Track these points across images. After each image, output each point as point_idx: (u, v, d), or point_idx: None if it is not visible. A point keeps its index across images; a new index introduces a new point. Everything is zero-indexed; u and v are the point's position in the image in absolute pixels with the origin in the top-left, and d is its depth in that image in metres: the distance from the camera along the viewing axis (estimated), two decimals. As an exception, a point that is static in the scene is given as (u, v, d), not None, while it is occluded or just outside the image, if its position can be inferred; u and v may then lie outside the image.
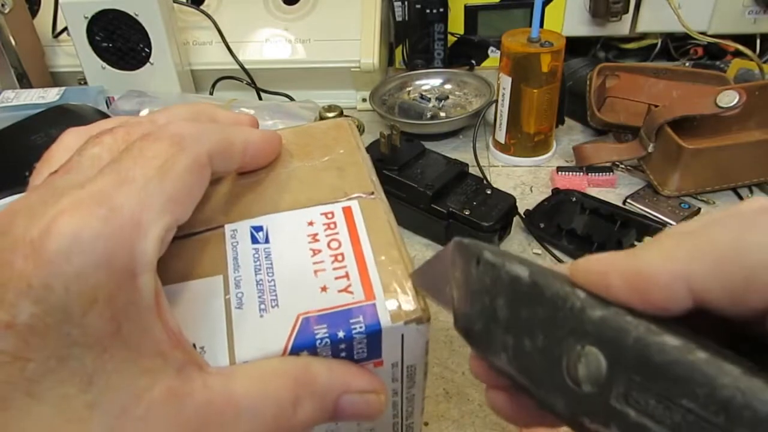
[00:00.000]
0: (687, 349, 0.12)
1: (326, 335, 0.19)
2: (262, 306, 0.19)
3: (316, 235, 0.21)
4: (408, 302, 0.19)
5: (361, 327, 0.19)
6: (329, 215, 0.22)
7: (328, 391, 0.19)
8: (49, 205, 0.16)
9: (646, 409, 0.12)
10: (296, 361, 0.19)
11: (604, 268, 0.15)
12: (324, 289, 0.20)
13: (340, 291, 0.20)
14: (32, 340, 0.15)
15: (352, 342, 0.19)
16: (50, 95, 0.63)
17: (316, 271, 0.20)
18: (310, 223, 0.22)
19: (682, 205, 0.56)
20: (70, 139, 0.21)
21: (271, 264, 0.21)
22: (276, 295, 0.20)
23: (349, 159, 0.25)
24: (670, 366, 0.12)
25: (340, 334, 0.19)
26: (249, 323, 0.19)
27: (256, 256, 0.21)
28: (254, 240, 0.21)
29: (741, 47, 0.67)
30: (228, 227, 0.22)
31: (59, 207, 0.16)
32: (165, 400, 0.16)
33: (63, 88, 0.65)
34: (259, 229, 0.22)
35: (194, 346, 0.18)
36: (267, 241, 0.21)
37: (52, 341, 0.15)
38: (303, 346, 0.19)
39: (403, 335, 0.20)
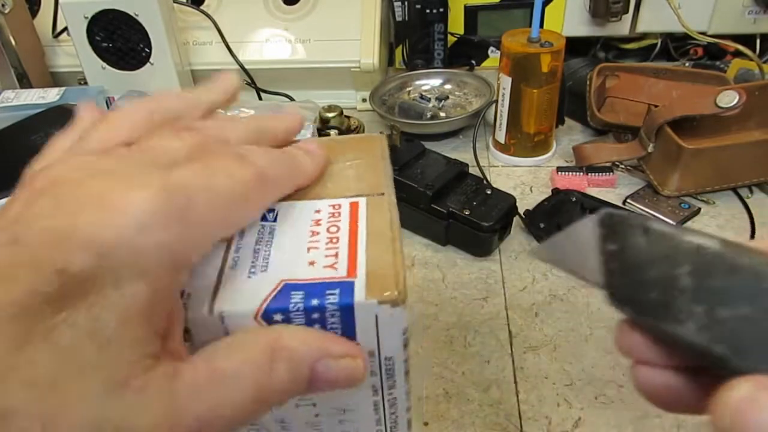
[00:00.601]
0: None
1: (301, 302, 0.20)
2: (253, 269, 0.21)
3: (319, 220, 0.23)
4: (387, 285, 0.20)
5: (335, 299, 0.20)
6: (336, 206, 0.24)
7: (303, 356, 0.19)
8: (137, 175, 0.17)
9: None
10: (268, 331, 0.20)
11: None
12: (312, 263, 0.21)
13: (326, 267, 0.21)
14: (73, 292, 0.15)
15: (325, 313, 0.20)
16: (50, 95, 0.63)
17: (309, 248, 0.22)
18: (317, 211, 0.24)
19: (682, 205, 0.56)
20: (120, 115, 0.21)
21: (272, 238, 0.22)
22: (267, 262, 0.21)
23: (370, 165, 0.27)
24: None
25: (314, 303, 0.20)
26: (237, 281, 0.21)
27: (261, 231, 0.23)
28: (264, 219, 0.23)
29: (741, 47, 0.67)
30: None
31: (148, 181, 0.17)
32: (162, 379, 0.17)
33: (63, 88, 0.65)
34: (271, 211, 0.23)
35: (182, 291, 0.20)
36: (275, 220, 0.23)
37: (90, 298, 0.16)
38: (277, 309, 0.20)
39: (377, 317, 0.20)
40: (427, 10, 0.76)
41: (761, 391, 0.13)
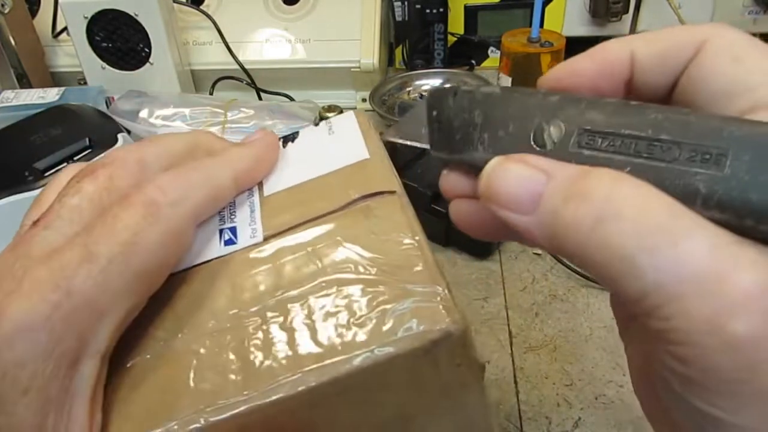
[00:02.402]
0: (623, 102, 0.18)
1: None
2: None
3: None
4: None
5: None
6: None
7: None
8: (8, 281, 0.16)
9: (595, 146, 0.17)
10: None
11: (570, 62, 0.20)
12: None
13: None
14: None
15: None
16: (50, 95, 0.63)
17: None
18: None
19: (682, 205, 0.55)
20: (64, 178, 0.20)
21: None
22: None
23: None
24: (614, 114, 0.17)
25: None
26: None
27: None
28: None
29: (741, 47, 0.66)
30: None
31: (15, 286, 0.16)
32: None
33: (63, 88, 0.65)
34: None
35: None
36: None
37: None
38: None
39: None
40: (427, 10, 0.76)
41: (508, 159, 0.17)
